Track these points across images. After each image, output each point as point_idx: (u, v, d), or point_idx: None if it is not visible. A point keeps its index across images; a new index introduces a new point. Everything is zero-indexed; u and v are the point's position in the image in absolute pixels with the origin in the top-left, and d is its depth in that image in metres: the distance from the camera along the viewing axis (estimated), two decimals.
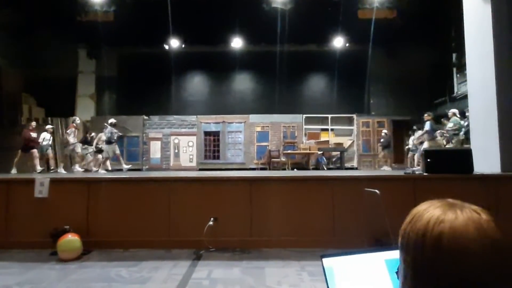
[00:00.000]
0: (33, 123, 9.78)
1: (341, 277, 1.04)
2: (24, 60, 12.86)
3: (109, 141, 9.81)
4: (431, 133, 9.27)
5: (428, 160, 4.67)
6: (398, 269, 0.74)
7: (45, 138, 9.76)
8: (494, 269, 0.57)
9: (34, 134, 9.52)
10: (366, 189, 4.12)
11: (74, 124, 10.01)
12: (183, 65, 15.43)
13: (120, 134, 10.50)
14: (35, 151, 9.28)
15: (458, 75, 13.37)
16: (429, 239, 0.60)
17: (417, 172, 5.23)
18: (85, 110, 15.32)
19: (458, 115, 9.11)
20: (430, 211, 0.64)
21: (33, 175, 6.54)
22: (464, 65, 8.55)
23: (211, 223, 4.25)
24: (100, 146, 10.31)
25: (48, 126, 10.31)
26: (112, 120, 10.21)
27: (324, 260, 1.05)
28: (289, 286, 3.08)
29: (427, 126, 9.34)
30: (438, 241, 0.59)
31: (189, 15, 12.48)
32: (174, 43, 14.86)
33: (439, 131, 9.61)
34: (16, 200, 4.48)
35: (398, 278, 0.73)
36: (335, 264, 1.05)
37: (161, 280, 3.27)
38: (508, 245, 0.59)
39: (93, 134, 11.24)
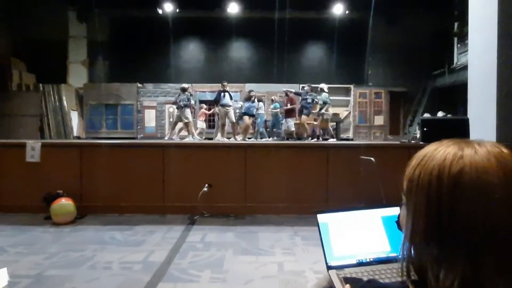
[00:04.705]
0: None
1: (336, 232, 1.01)
2: (13, 24, 12.37)
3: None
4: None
5: (425, 129, 4.65)
6: (398, 218, 0.69)
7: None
8: None
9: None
10: (361, 156, 4.10)
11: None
12: (178, 31, 14.93)
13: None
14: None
15: (459, 45, 13.12)
16: (447, 177, 0.55)
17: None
18: (77, 76, 14.94)
19: (326, 91, 9.30)
20: (443, 149, 0.58)
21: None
22: (466, 34, 8.35)
23: (205, 189, 4.24)
24: None
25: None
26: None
27: (319, 215, 1.01)
28: (282, 250, 3.12)
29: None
30: (457, 178, 0.54)
31: None
32: (168, 7, 14.31)
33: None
34: (7, 164, 4.42)
35: (399, 228, 0.69)
36: (330, 220, 1.02)
37: (156, 243, 3.30)
38: None
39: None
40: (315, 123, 9.63)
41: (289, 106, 10.00)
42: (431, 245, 0.56)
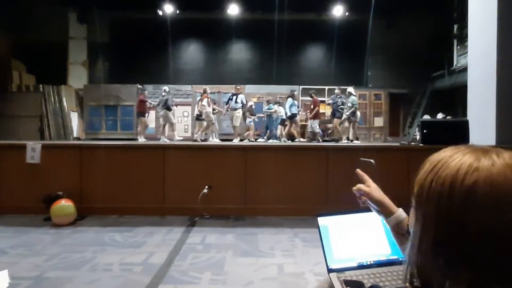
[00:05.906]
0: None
1: (336, 235, 1.01)
2: (13, 25, 12.36)
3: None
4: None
5: (424, 131, 4.65)
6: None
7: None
8: None
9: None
10: (361, 158, 4.10)
11: (206, 94, 9.86)
12: (178, 32, 14.95)
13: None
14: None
15: (458, 47, 13.15)
16: (458, 190, 0.52)
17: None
18: (77, 77, 14.93)
19: (354, 94, 9.48)
20: (459, 158, 0.55)
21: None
22: (465, 36, 8.38)
23: (205, 191, 4.24)
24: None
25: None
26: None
27: (320, 218, 1.02)
28: (281, 251, 3.12)
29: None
30: (470, 192, 0.51)
31: None
32: (168, 8, 14.33)
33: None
34: (8, 166, 4.42)
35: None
36: (330, 223, 1.03)
37: (155, 244, 3.30)
38: None
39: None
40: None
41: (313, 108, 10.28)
42: (437, 255, 0.54)
